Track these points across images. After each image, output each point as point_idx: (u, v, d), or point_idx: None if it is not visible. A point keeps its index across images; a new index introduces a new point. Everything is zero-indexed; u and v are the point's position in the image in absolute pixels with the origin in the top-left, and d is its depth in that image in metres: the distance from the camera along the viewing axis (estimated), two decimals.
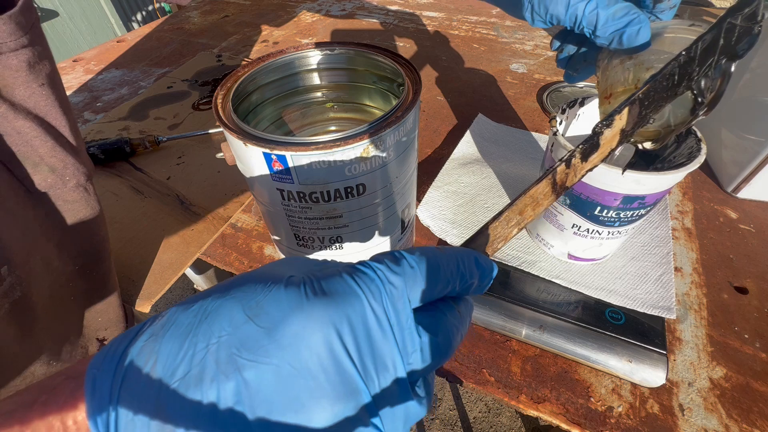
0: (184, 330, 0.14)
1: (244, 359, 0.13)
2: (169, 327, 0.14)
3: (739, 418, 0.32)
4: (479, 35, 0.91)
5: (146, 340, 0.14)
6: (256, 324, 0.13)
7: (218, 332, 0.13)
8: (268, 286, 0.14)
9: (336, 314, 0.14)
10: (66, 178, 0.28)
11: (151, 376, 0.13)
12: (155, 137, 0.60)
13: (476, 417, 1.04)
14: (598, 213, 0.35)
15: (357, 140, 0.27)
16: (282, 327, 0.13)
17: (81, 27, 1.80)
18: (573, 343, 0.36)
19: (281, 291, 0.14)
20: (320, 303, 0.14)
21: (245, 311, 0.14)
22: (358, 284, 0.14)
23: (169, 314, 0.15)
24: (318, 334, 0.13)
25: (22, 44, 0.23)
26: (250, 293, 0.14)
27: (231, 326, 0.13)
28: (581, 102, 0.39)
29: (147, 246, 0.47)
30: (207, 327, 0.13)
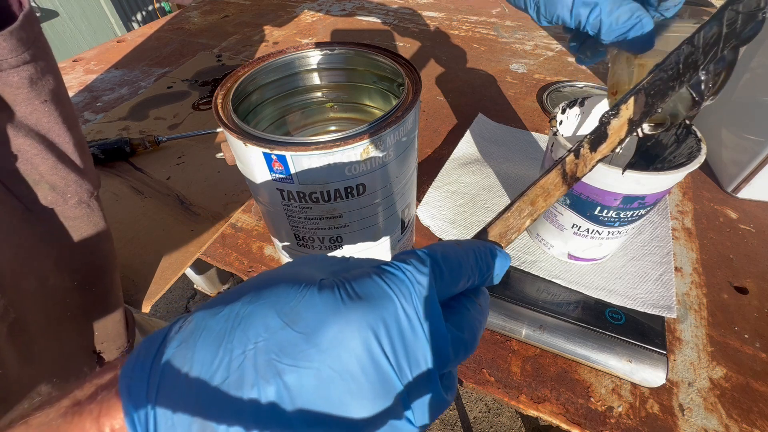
0: (216, 336, 0.14)
1: (284, 364, 0.13)
2: (200, 333, 0.14)
3: (739, 418, 0.32)
4: (479, 35, 0.91)
5: (177, 347, 0.14)
6: (293, 329, 0.14)
7: (254, 338, 0.14)
8: (301, 291, 0.15)
9: (372, 317, 0.14)
10: (67, 195, 0.28)
11: (187, 383, 0.13)
12: (155, 137, 0.60)
13: (476, 417, 1.04)
14: (598, 213, 0.35)
15: (357, 140, 0.27)
16: (321, 331, 0.14)
17: (81, 27, 1.80)
18: (573, 343, 0.36)
19: (315, 295, 0.14)
20: (357, 307, 0.14)
21: (281, 317, 0.14)
22: (389, 286, 0.15)
23: (196, 320, 0.15)
24: (357, 337, 0.14)
25: (23, 60, 0.23)
26: (283, 298, 0.14)
27: (267, 332, 0.14)
28: (581, 102, 0.39)
29: (147, 246, 0.47)
30: (242, 333, 0.14)
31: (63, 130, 0.26)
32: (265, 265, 0.45)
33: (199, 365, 0.13)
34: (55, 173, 0.26)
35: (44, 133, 0.25)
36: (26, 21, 0.22)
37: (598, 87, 0.70)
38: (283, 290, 0.15)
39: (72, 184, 0.28)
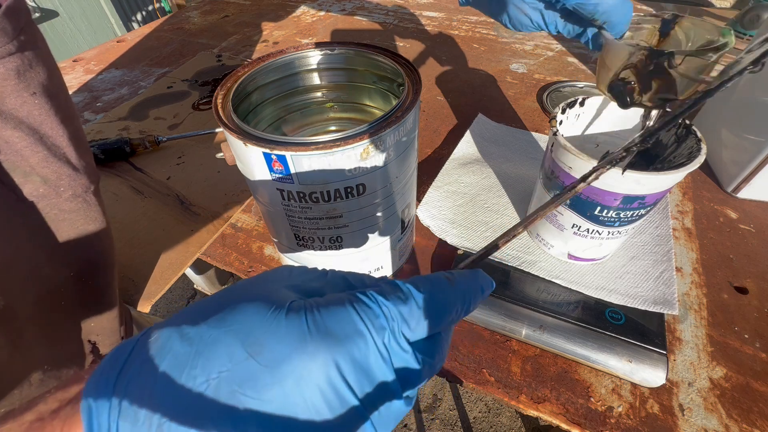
0: (180, 360, 0.14)
1: (247, 396, 0.13)
2: (164, 355, 0.14)
3: (739, 418, 0.32)
4: (479, 35, 0.91)
5: (141, 367, 0.14)
6: (257, 361, 0.13)
7: (218, 367, 0.13)
8: (268, 317, 0.14)
9: (339, 354, 0.14)
10: (60, 188, 0.28)
11: (150, 407, 0.13)
12: (155, 137, 0.60)
13: (476, 417, 1.04)
14: (598, 213, 0.35)
15: (357, 140, 0.27)
16: (285, 365, 0.13)
17: (81, 27, 1.80)
18: (573, 343, 0.36)
19: (282, 323, 0.14)
20: (324, 342, 0.14)
21: (245, 347, 0.14)
22: (363, 321, 0.15)
23: (162, 338, 0.14)
24: (322, 373, 0.13)
25: (8, 51, 0.22)
26: (248, 325, 0.14)
27: (231, 362, 0.13)
28: (581, 102, 0.39)
29: (147, 246, 0.47)
30: (205, 361, 0.13)
31: (55, 123, 0.26)
32: (265, 265, 0.45)
33: (161, 389, 0.13)
34: (46, 166, 0.26)
35: (35, 125, 0.25)
36: (9, 12, 0.22)
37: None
38: (249, 315, 0.14)
39: (65, 178, 0.28)
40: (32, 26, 0.25)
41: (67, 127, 0.27)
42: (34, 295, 0.29)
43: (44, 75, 0.25)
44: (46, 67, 0.25)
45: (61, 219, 0.29)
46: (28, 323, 0.29)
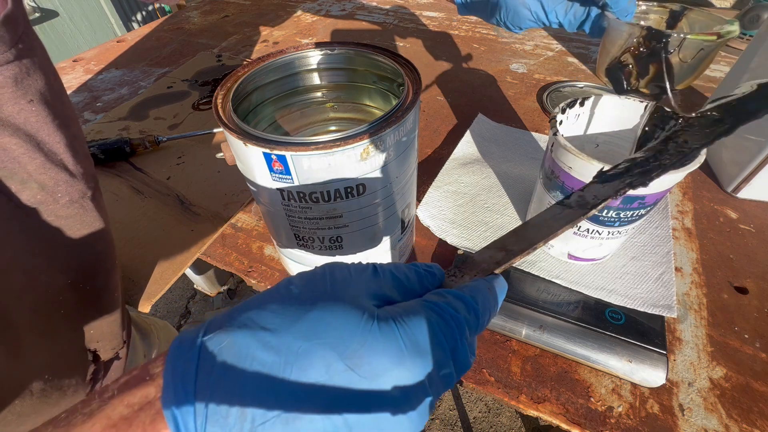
0: (269, 369, 0.14)
1: (351, 412, 0.14)
2: (248, 363, 0.14)
3: (739, 418, 0.32)
4: (479, 35, 0.91)
5: (224, 372, 0.14)
6: (357, 374, 0.14)
7: (314, 377, 0.14)
8: (361, 329, 0.15)
9: (429, 366, 0.15)
10: (58, 195, 0.28)
11: (240, 416, 0.13)
12: (155, 137, 0.60)
13: (476, 417, 1.04)
14: (598, 213, 0.35)
15: (357, 140, 0.27)
16: (384, 379, 0.15)
17: (81, 27, 1.80)
18: (573, 343, 0.36)
19: (377, 336, 0.15)
20: (418, 357, 0.15)
21: (343, 360, 0.14)
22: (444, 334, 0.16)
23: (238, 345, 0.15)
24: (417, 387, 0.15)
25: (6, 60, 0.22)
26: (343, 337, 0.15)
27: (329, 373, 0.14)
28: (581, 102, 0.39)
29: (147, 246, 0.47)
30: (299, 370, 0.14)
31: (53, 130, 0.26)
32: (265, 265, 0.45)
33: (252, 400, 0.14)
34: (43, 173, 0.26)
35: (32, 133, 0.25)
36: (7, 21, 0.22)
37: (598, 87, 0.70)
38: (341, 325, 0.15)
39: (62, 184, 0.28)
40: (30, 34, 0.25)
41: (65, 133, 0.27)
42: (32, 302, 0.29)
43: (42, 82, 0.25)
44: (43, 74, 0.25)
45: (59, 225, 0.29)
46: (26, 332, 0.29)
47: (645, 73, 0.28)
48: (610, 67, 0.30)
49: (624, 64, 0.29)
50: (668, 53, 0.26)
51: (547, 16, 0.33)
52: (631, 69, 0.29)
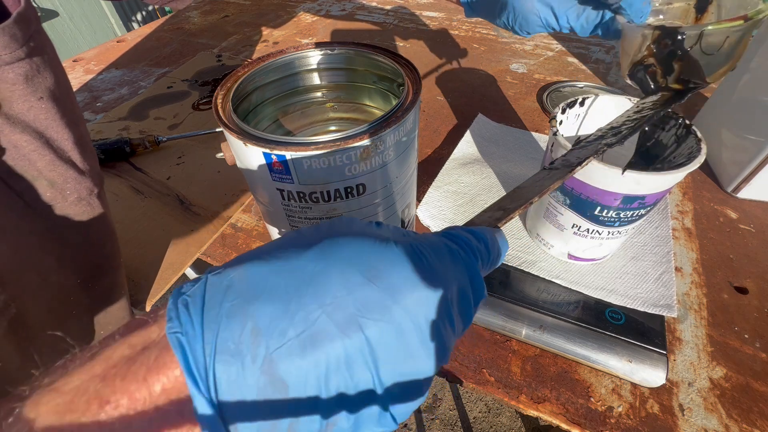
0: (283, 292, 0.13)
1: (367, 318, 0.13)
2: (261, 289, 0.13)
3: (739, 418, 0.32)
4: (479, 35, 0.91)
5: (233, 302, 0.13)
6: (376, 285, 0.14)
7: (332, 293, 0.13)
8: (377, 247, 0.15)
9: (449, 283, 0.15)
10: (66, 192, 0.28)
11: (253, 337, 0.13)
12: (155, 137, 0.60)
13: (476, 417, 1.04)
14: (598, 213, 0.35)
15: (357, 140, 0.27)
16: (407, 290, 0.14)
17: (81, 27, 1.80)
18: (573, 343, 0.36)
19: (396, 253, 0.15)
20: (440, 273, 0.15)
21: (362, 273, 0.14)
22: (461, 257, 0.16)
23: (249, 275, 0.14)
24: (438, 300, 0.14)
25: (17, 57, 0.23)
26: (359, 254, 0.14)
27: (346, 288, 0.14)
28: (581, 102, 0.39)
29: (147, 246, 0.47)
30: (316, 289, 0.13)
31: (61, 127, 0.26)
32: None
33: (267, 320, 0.13)
34: (53, 170, 0.27)
35: (41, 130, 0.25)
36: (20, 18, 0.22)
37: (598, 87, 0.70)
38: (359, 246, 0.15)
39: (71, 181, 0.28)
40: (41, 32, 0.25)
41: (73, 131, 0.27)
42: (45, 302, 0.29)
43: (51, 80, 0.25)
44: (53, 71, 0.26)
45: (68, 224, 0.29)
46: (38, 331, 0.29)
47: (670, 71, 0.27)
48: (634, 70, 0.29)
49: (647, 64, 0.28)
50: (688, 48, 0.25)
51: (558, 21, 0.32)
52: (655, 68, 0.28)
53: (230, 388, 0.12)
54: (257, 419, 0.12)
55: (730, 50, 0.25)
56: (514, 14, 0.33)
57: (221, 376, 0.12)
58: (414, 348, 0.14)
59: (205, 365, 0.12)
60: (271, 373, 0.12)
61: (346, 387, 0.13)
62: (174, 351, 0.12)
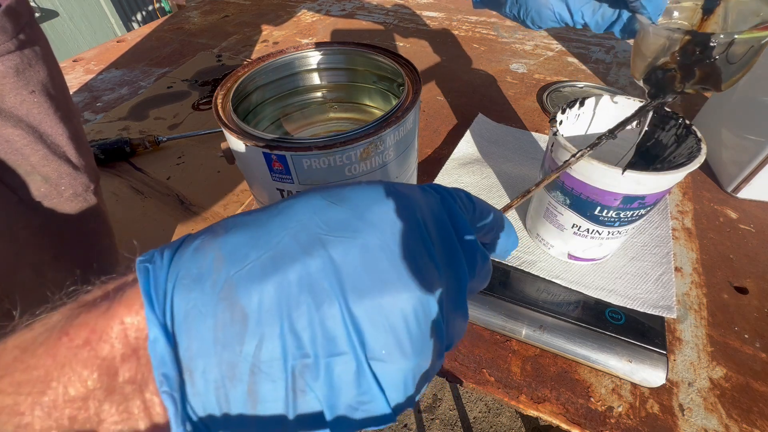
0: (252, 225, 0.13)
1: (332, 236, 0.12)
2: (231, 225, 0.13)
3: (739, 418, 0.32)
4: (479, 35, 0.91)
5: (203, 237, 0.13)
6: (341, 207, 0.13)
7: (297, 218, 0.13)
8: (345, 184, 0.15)
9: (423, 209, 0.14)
10: (61, 187, 0.28)
11: (215, 265, 0.12)
12: (155, 137, 0.60)
13: (476, 417, 1.04)
14: (598, 213, 0.35)
15: (357, 140, 0.27)
16: (371, 209, 0.13)
17: (81, 27, 1.80)
18: (573, 343, 0.36)
19: (361, 186, 0.14)
20: (404, 194, 0.14)
21: (327, 199, 0.14)
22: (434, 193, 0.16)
23: (223, 221, 0.14)
24: (407, 218, 0.14)
25: (7, 49, 0.22)
26: (328, 189, 0.14)
27: (311, 210, 0.13)
28: (581, 102, 0.39)
29: (147, 246, 0.47)
30: (282, 217, 0.13)
31: (55, 122, 0.26)
32: None
33: (231, 247, 0.12)
34: (46, 164, 0.26)
35: (35, 124, 0.25)
36: (9, 11, 0.22)
37: (598, 87, 0.70)
38: (327, 187, 0.15)
39: (65, 177, 0.28)
40: (34, 26, 0.25)
41: (67, 126, 0.27)
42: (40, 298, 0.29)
43: (44, 74, 0.25)
44: (46, 66, 0.25)
45: (64, 220, 0.29)
46: None
47: (690, 77, 0.26)
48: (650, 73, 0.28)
49: (666, 69, 0.27)
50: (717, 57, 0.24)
51: (573, 17, 0.30)
52: (675, 73, 0.27)
53: (187, 316, 0.11)
54: (213, 355, 0.11)
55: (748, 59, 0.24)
56: (526, 8, 0.31)
57: (179, 302, 0.12)
58: (384, 269, 0.12)
59: (165, 290, 0.12)
60: (229, 299, 0.11)
61: (311, 321, 0.12)
62: (138, 276, 0.12)
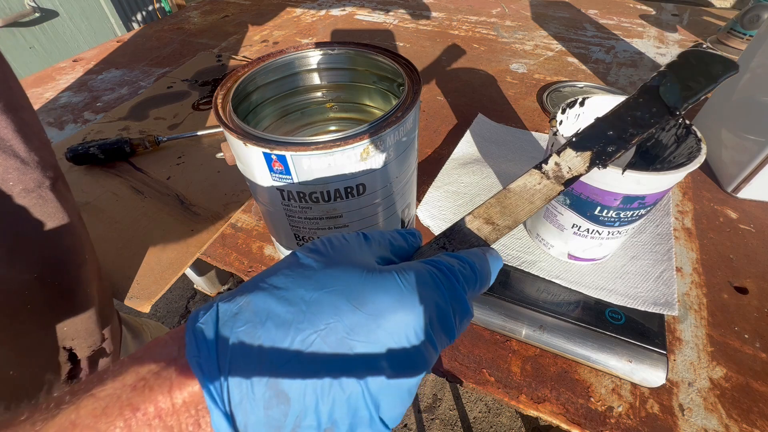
0: (284, 319, 0.15)
1: (355, 341, 0.15)
2: (265, 316, 0.16)
3: (739, 418, 0.32)
4: (479, 35, 0.91)
5: (242, 328, 0.15)
6: (362, 312, 0.16)
7: (325, 320, 0.15)
8: (364, 278, 0.17)
9: (429, 306, 0.17)
10: (9, 183, 0.26)
11: (259, 357, 0.15)
12: (155, 137, 0.60)
13: (476, 417, 1.04)
14: (598, 213, 0.35)
15: (357, 140, 0.27)
16: (387, 315, 0.16)
17: (81, 27, 1.80)
18: (573, 343, 0.36)
19: (379, 282, 0.17)
20: (417, 298, 0.17)
21: (350, 301, 0.16)
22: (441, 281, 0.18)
23: (255, 303, 0.16)
24: (417, 321, 0.16)
25: None
26: (349, 285, 0.17)
27: (337, 315, 0.16)
28: (581, 102, 0.39)
29: (147, 246, 0.47)
30: (312, 316, 0.16)
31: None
32: (265, 265, 0.45)
33: (270, 343, 0.15)
34: None
35: None
36: None
37: (598, 87, 0.70)
38: (347, 277, 0.17)
39: (12, 172, 0.27)
40: None
41: (12, 118, 0.26)
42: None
43: None
44: None
45: (17, 216, 0.28)
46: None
47: None
48: None
49: None
50: None
51: None
52: None
53: (241, 401, 0.14)
54: (264, 424, 0.15)
55: None
56: None
57: (234, 391, 0.14)
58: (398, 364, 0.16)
59: (220, 383, 0.14)
60: (275, 387, 0.15)
61: (340, 399, 0.15)
62: (194, 371, 0.15)
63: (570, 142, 0.24)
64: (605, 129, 0.24)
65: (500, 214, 0.22)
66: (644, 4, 1.03)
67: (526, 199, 0.22)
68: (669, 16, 0.97)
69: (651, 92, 0.24)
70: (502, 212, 0.22)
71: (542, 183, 0.23)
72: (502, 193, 0.23)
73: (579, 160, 0.23)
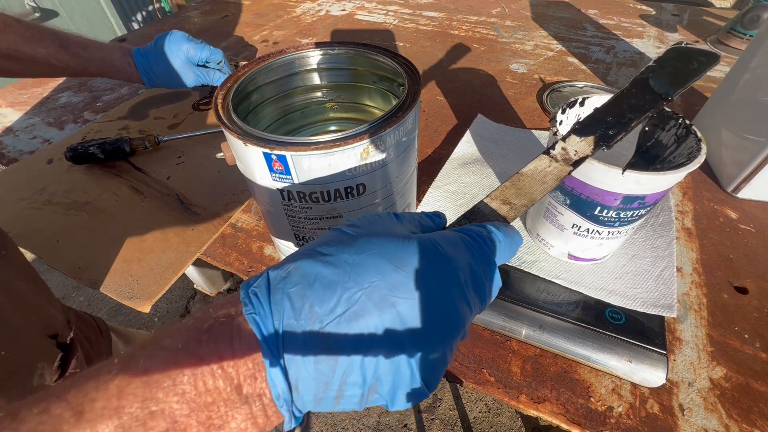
0: (331, 280, 0.17)
1: (398, 297, 0.17)
2: (313, 278, 0.17)
3: (739, 418, 0.32)
4: (479, 35, 0.91)
5: (293, 289, 0.17)
6: (404, 271, 0.17)
7: (369, 279, 0.17)
8: (402, 244, 0.18)
9: (465, 269, 0.18)
10: None
11: (310, 316, 0.16)
12: (155, 137, 0.60)
13: (476, 417, 1.04)
14: (598, 213, 0.35)
15: (357, 140, 0.27)
16: (426, 275, 0.17)
17: (81, 27, 1.80)
18: (573, 343, 0.36)
19: (416, 247, 0.18)
20: (454, 260, 0.18)
21: (391, 262, 0.17)
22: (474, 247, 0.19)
23: (302, 267, 0.17)
24: (454, 280, 0.18)
25: None
26: (388, 248, 0.18)
27: (379, 274, 0.17)
28: (581, 102, 0.39)
29: (147, 246, 0.47)
30: (356, 276, 0.17)
31: None
32: (265, 265, 0.45)
33: (319, 302, 0.16)
34: None
35: None
36: None
37: (598, 87, 0.70)
38: (386, 243, 0.18)
39: None
40: None
41: None
42: None
43: None
44: None
45: None
46: None
47: None
48: None
49: None
50: None
51: None
52: None
53: (294, 356, 0.16)
54: (314, 380, 0.16)
55: None
56: None
57: (288, 346, 0.16)
58: (436, 316, 0.17)
59: (275, 337, 0.16)
60: (324, 343, 0.16)
61: (385, 353, 0.16)
62: (251, 326, 0.16)
63: (573, 129, 0.25)
64: (605, 116, 0.25)
65: (516, 195, 0.23)
66: (644, 4, 1.03)
67: (539, 180, 0.24)
68: (669, 16, 0.97)
69: (642, 84, 0.25)
70: (517, 193, 0.23)
71: (552, 165, 0.24)
72: (516, 176, 0.24)
73: (584, 143, 0.24)
